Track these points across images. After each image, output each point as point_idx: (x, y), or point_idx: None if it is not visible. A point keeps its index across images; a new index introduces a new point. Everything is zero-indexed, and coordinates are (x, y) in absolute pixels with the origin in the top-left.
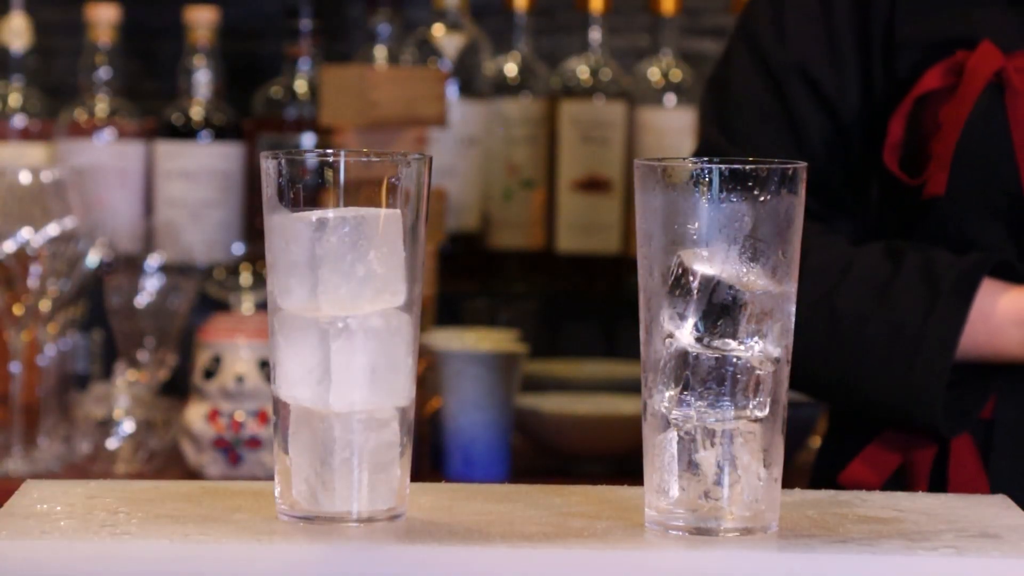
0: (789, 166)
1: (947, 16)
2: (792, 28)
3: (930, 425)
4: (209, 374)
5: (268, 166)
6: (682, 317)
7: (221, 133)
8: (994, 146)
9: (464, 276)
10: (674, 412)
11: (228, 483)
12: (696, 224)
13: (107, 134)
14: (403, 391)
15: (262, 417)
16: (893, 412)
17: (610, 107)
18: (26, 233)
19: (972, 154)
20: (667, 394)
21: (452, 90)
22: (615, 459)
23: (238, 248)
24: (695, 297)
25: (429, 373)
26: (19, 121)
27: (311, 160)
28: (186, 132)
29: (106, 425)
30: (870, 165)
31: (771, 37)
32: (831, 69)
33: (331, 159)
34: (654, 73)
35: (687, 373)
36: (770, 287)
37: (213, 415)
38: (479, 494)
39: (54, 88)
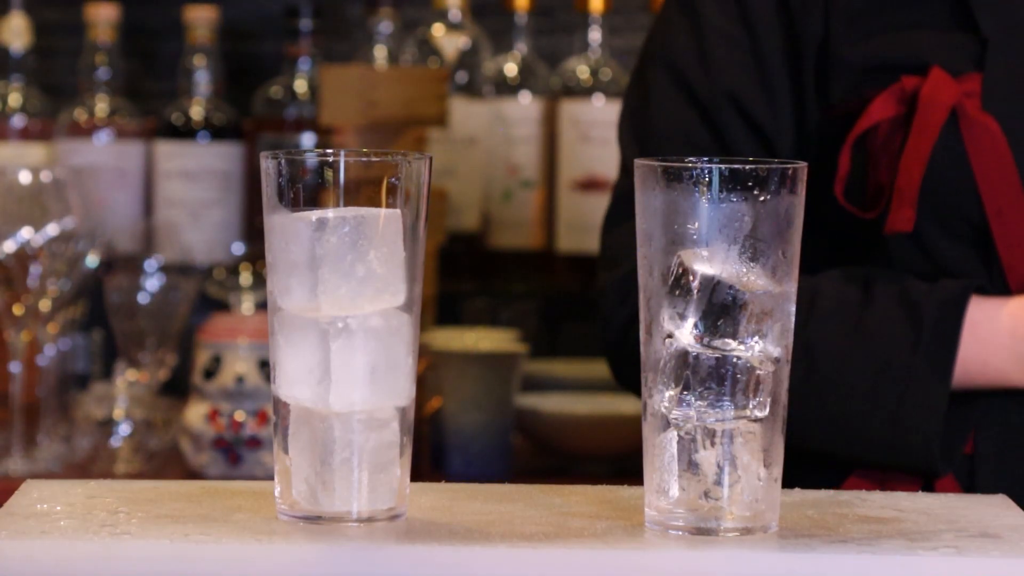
0: (789, 166)
1: (889, 39)
2: (717, 55)
3: (924, 465)
4: (209, 374)
5: (268, 166)
6: (682, 317)
7: (221, 133)
8: (955, 178)
9: (464, 276)
10: (674, 412)
11: (228, 483)
12: (696, 224)
13: (107, 134)
14: (403, 391)
15: (262, 417)
16: (883, 453)
17: (610, 107)
18: (26, 233)
19: (934, 187)
20: (667, 394)
21: (452, 90)
22: (615, 459)
23: (238, 248)
24: (695, 297)
25: (429, 373)
26: (19, 121)
27: (311, 160)
28: (186, 132)
29: (106, 425)
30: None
31: (695, 65)
32: (763, 96)
33: (331, 159)
34: None
35: (687, 373)
36: (770, 287)
37: (213, 415)
38: (479, 494)
39: (54, 88)
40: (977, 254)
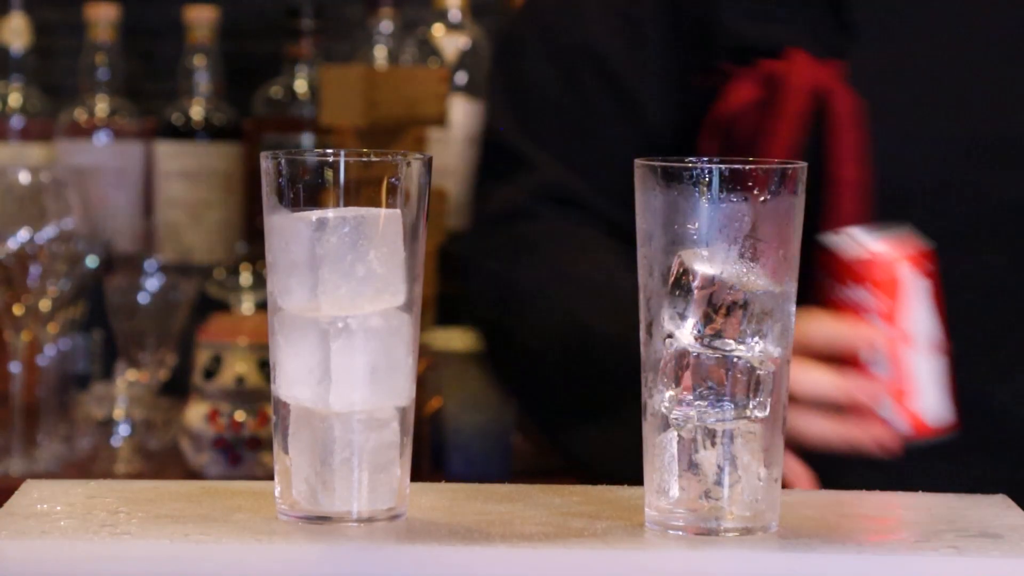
0: (789, 166)
1: (752, 20)
2: (586, 11)
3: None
4: (209, 374)
5: (268, 166)
6: (682, 317)
7: (221, 133)
8: (816, 165)
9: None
10: (674, 412)
11: (228, 483)
12: (696, 224)
13: (107, 134)
14: (403, 391)
15: (262, 417)
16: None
17: None
18: (26, 233)
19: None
20: (667, 394)
21: (452, 90)
22: None
23: (238, 248)
24: (695, 297)
25: (429, 373)
26: (19, 121)
27: (311, 160)
28: (186, 132)
29: (106, 425)
30: None
31: (564, 18)
32: (630, 58)
33: (331, 159)
34: None
35: (687, 373)
36: (770, 287)
37: (213, 415)
38: (479, 494)
39: (54, 88)
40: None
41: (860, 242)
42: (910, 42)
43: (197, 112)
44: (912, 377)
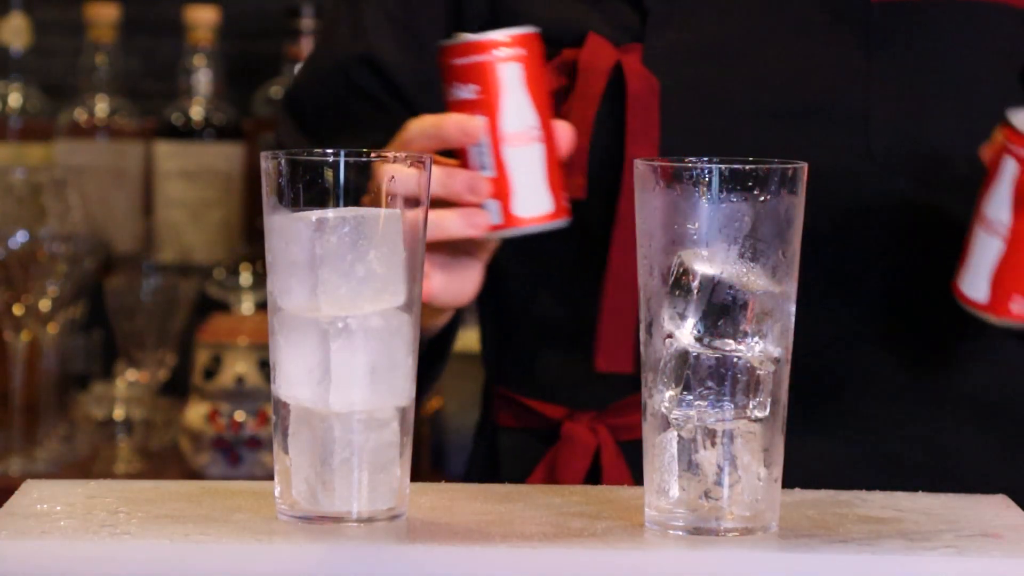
0: (789, 166)
1: (551, 9)
2: (366, 18)
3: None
4: (209, 374)
5: (268, 166)
6: (682, 317)
7: (221, 133)
8: (616, 149)
9: None
10: (674, 412)
11: (228, 483)
12: (696, 224)
13: (107, 134)
14: (403, 391)
15: (262, 417)
16: None
17: None
18: (26, 233)
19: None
20: (667, 394)
21: None
22: None
23: (238, 248)
24: (695, 297)
25: None
26: (19, 121)
27: (311, 160)
28: (186, 132)
29: (106, 425)
30: None
31: (342, 27)
32: (406, 57)
33: (331, 159)
34: None
35: (687, 373)
36: (770, 287)
37: (213, 415)
38: (479, 494)
39: (54, 88)
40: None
41: (462, 38)
42: (701, 20)
43: (197, 112)
44: (506, 168)
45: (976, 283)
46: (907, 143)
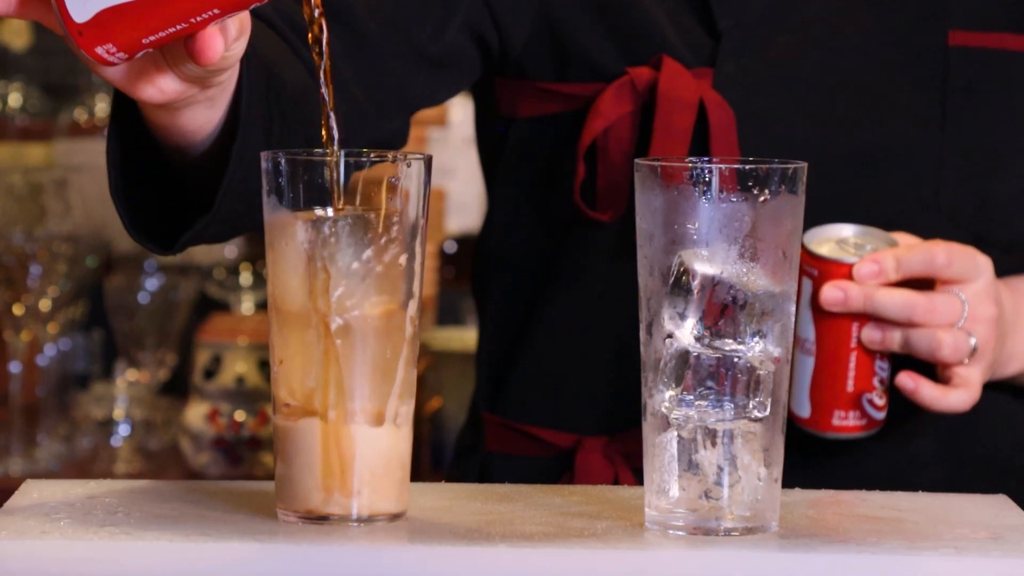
0: (789, 166)
1: (618, 26)
2: None
3: None
4: (209, 374)
5: (268, 166)
6: (682, 317)
7: None
8: None
9: (464, 276)
10: (674, 412)
11: (228, 483)
12: (696, 224)
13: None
14: (403, 391)
15: (262, 417)
16: None
17: None
18: (26, 233)
19: None
20: (667, 394)
21: None
22: None
23: (238, 248)
24: (695, 297)
25: (429, 373)
26: (19, 121)
27: (311, 160)
28: None
29: (106, 425)
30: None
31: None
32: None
33: (331, 159)
34: None
35: (687, 373)
36: (770, 287)
37: (213, 415)
38: (479, 494)
39: (54, 88)
40: None
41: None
42: (775, 51)
43: None
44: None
45: (800, 400)
46: (975, 198)
